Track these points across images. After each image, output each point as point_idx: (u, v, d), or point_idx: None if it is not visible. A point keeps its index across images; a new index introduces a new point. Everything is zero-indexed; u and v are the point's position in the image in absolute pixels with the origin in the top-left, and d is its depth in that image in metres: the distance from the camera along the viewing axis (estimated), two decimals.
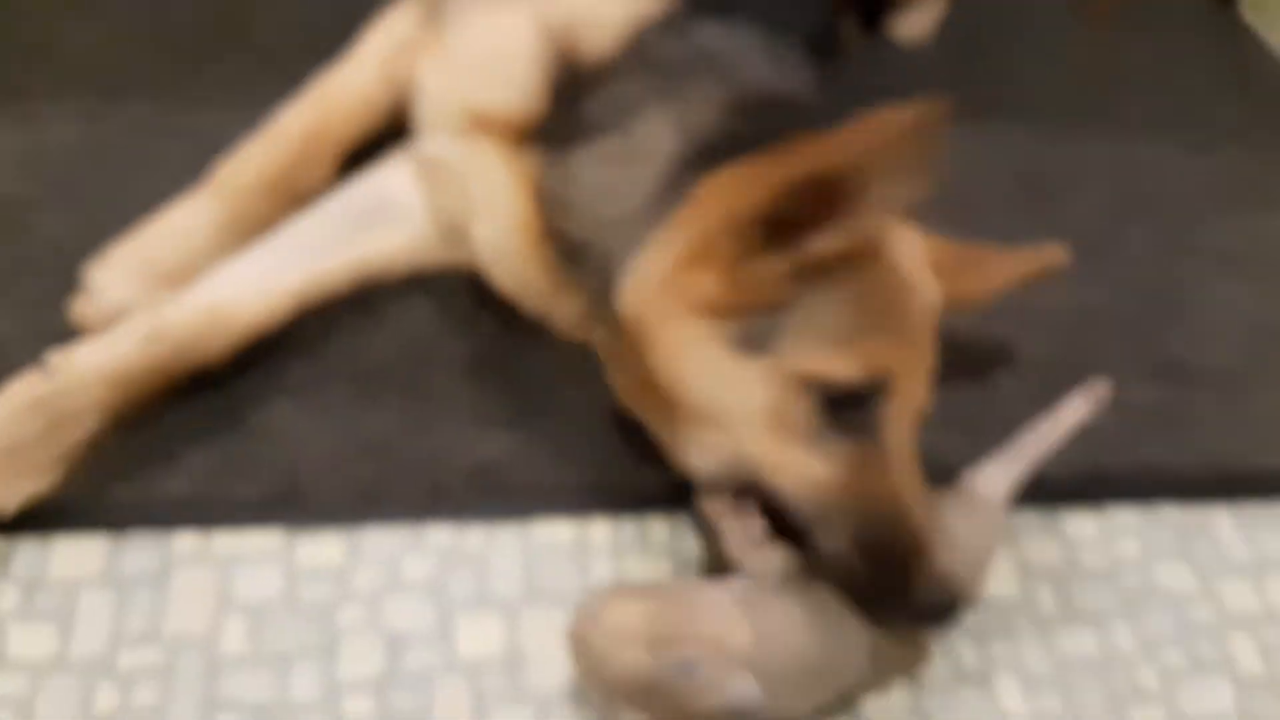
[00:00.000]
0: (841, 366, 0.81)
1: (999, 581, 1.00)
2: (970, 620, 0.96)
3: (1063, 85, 1.45)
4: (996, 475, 0.97)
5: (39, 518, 0.91)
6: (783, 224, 0.81)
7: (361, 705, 0.86)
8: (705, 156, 0.87)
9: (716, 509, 0.88)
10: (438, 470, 0.98)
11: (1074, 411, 1.00)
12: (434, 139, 1.02)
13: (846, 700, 0.89)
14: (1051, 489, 1.03)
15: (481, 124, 0.97)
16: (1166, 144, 1.38)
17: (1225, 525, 1.07)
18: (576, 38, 0.95)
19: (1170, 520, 1.07)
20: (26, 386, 0.89)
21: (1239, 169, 1.38)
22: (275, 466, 0.96)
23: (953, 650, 0.95)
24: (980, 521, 0.94)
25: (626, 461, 0.99)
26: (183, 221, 1.02)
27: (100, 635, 0.87)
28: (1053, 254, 1.02)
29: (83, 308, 0.98)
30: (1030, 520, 1.04)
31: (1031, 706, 0.93)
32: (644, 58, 0.94)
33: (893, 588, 0.81)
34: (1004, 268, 1.01)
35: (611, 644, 0.78)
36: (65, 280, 1.00)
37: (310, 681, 0.87)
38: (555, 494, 0.98)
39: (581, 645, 0.80)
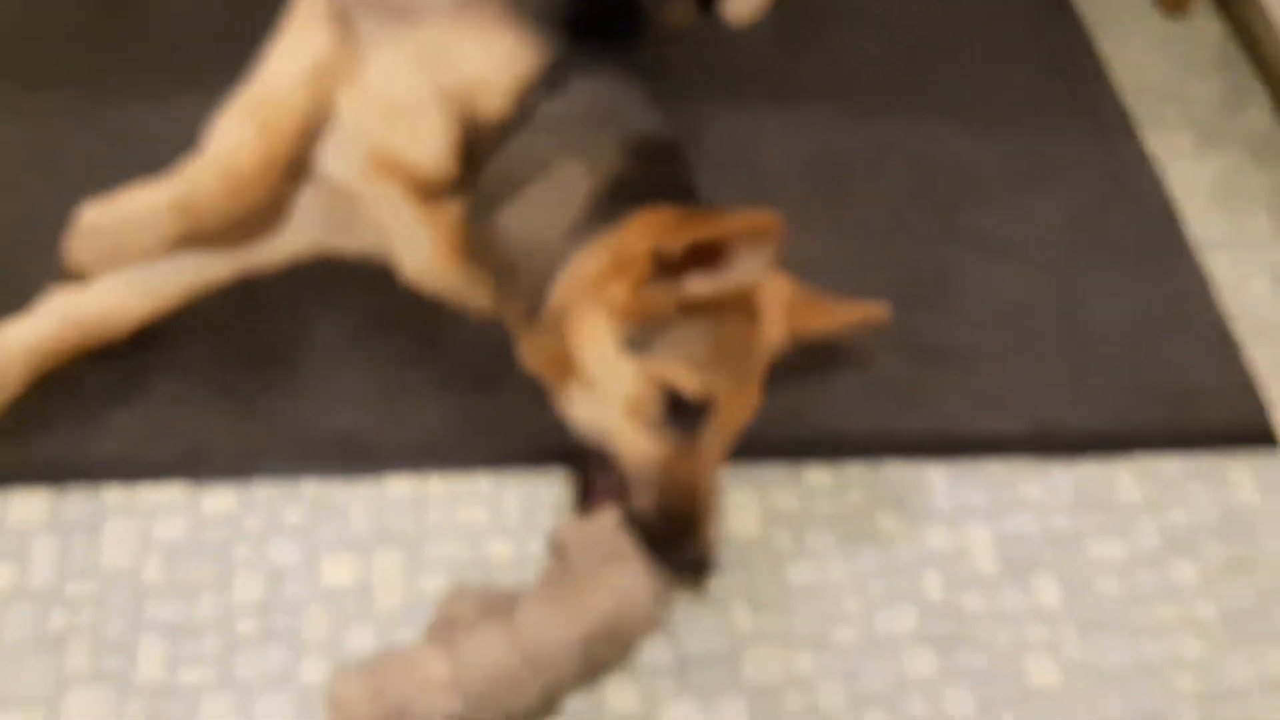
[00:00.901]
0: (687, 382, 1.12)
1: (743, 523, 1.29)
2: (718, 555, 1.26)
3: (886, 64, 1.59)
4: None
5: None
6: (675, 265, 1.11)
7: (249, 625, 1.16)
8: (613, 192, 1.17)
9: None
10: (309, 435, 1.25)
11: None
12: (342, 166, 1.22)
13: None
14: (795, 446, 1.31)
15: (387, 170, 1.19)
16: (964, 124, 1.55)
17: (938, 480, 1.35)
18: (473, 101, 1.18)
19: (894, 476, 1.35)
20: None
21: (1028, 149, 1.55)
22: (182, 430, 1.23)
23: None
24: None
25: (458, 429, 1.27)
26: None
27: (49, 570, 1.16)
28: (877, 310, 1.29)
29: (78, 250, 1.12)
30: (776, 472, 1.32)
31: (756, 624, 1.24)
32: (540, 116, 1.18)
33: (672, 541, 1.12)
34: (838, 314, 1.29)
35: (345, 713, 1.01)
36: None
37: (211, 606, 1.16)
38: (401, 455, 1.26)
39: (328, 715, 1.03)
